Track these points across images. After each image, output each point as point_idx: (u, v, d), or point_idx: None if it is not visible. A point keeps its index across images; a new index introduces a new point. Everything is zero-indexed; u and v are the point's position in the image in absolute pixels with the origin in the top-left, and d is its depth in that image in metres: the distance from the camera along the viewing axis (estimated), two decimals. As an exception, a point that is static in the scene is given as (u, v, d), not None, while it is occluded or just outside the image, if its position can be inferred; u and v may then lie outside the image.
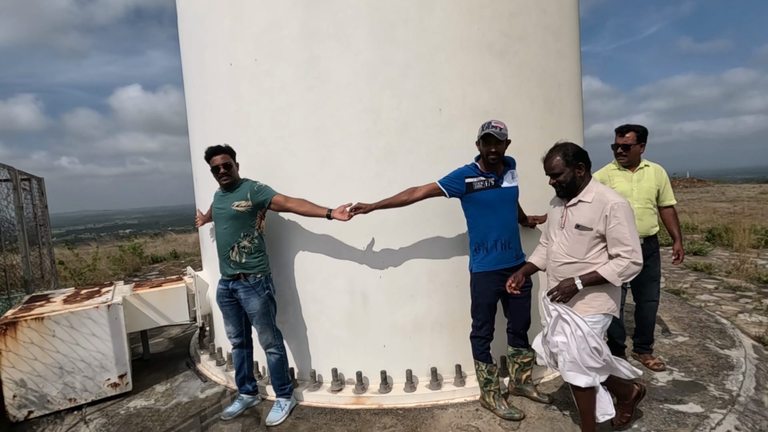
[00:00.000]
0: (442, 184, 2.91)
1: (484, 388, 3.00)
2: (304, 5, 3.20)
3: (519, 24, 3.44)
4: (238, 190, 3.11)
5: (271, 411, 3.14)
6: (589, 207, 2.43)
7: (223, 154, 3.06)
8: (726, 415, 2.78)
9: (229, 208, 3.06)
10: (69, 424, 3.31)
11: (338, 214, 2.96)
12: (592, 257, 2.43)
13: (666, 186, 3.46)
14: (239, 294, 3.11)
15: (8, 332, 3.24)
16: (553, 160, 2.49)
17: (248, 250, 3.08)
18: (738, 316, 4.69)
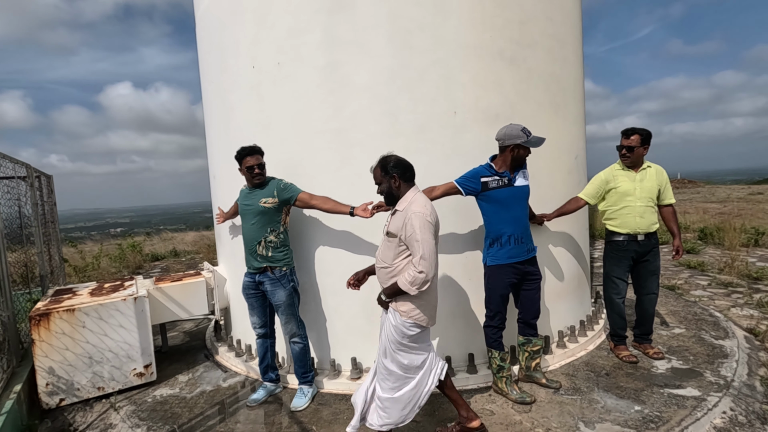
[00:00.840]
0: (458, 184, 3.10)
1: (497, 375, 3.20)
2: (326, 13, 3.37)
3: (528, 32, 3.64)
4: (266, 187, 3.27)
5: (294, 397, 3.31)
6: (399, 215, 2.51)
7: (257, 155, 3.22)
8: (721, 398, 2.99)
9: (257, 204, 3.22)
10: (99, 411, 3.45)
11: (361, 212, 3.14)
12: (398, 263, 2.51)
13: (666, 186, 3.65)
14: (265, 286, 3.27)
15: (42, 323, 3.38)
16: (375, 170, 2.66)
17: (274, 244, 3.25)
18: (730, 310, 4.92)
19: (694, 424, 2.72)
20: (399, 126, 3.38)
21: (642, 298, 3.77)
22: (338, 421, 3.06)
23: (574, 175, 4.20)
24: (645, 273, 3.68)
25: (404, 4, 3.31)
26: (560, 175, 3.97)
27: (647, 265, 3.65)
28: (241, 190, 3.44)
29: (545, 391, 3.25)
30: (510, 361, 3.31)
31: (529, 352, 3.32)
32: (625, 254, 3.65)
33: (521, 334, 3.32)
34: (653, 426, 2.74)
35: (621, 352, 3.72)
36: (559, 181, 3.97)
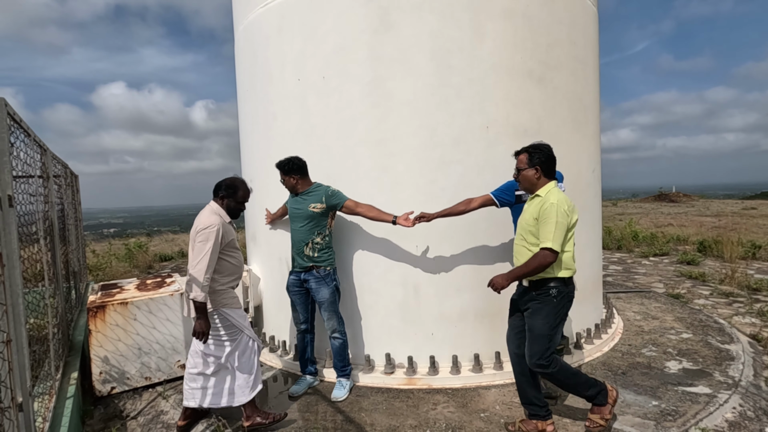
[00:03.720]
0: (494, 196, 3.35)
1: None
2: (371, 32, 3.65)
3: (554, 54, 3.93)
4: (314, 193, 3.52)
5: (334, 389, 3.54)
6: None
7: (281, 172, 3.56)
8: (731, 395, 3.27)
9: (306, 209, 3.47)
10: (147, 400, 3.67)
11: (403, 221, 3.39)
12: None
13: (543, 221, 2.66)
14: (310, 284, 3.51)
15: (98, 314, 3.60)
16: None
17: (320, 246, 3.50)
18: (733, 318, 5.21)
19: (707, 417, 2.99)
20: (436, 138, 3.65)
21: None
22: (378, 410, 3.29)
23: (592, 187, 4.48)
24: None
25: (444, 27, 3.59)
26: (580, 187, 4.25)
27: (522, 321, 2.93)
28: (291, 195, 3.69)
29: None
30: None
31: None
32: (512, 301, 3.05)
33: None
34: (671, 418, 3.00)
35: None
36: (578, 194, 4.23)
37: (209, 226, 2.80)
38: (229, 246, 2.97)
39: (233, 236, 3.03)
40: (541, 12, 3.83)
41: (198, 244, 2.78)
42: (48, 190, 3.60)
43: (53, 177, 4.02)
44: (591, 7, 4.41)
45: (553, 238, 2.61)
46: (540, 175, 2.77)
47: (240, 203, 3.04)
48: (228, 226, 2.98)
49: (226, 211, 2.99)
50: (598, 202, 4.77)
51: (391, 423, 3.11)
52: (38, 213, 3.03)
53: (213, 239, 2.77)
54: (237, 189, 3.00)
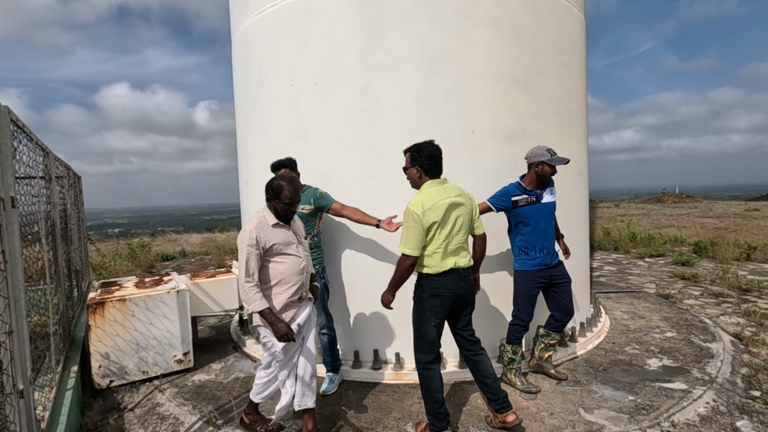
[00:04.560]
0: (491, 203, 3.49)
1: (507, 366, 3.58)
2: (362, 39, 3.79)
3: (540, 60, 4.05)
4: (303, 195, 3.66)
5: (323, 383, 3.67)
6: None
7: (287, 168, 3.54)
8: (705, 391, 3.37)
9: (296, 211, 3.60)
10: (144, 393, 3.81)
11: (385, 225, 3.48)
12: None
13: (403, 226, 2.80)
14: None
15: (98, 311, 3.75)
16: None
17: (309, 246, 3.63)
18: (720, 317, 5.31)
19: (680, 412, 3.10)
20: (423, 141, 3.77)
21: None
22: (364, 403, 3.42)
23: (579, 189, 4.60)
24: None
25: (432, 34, 3.72)
26: (566, 189, 4.36)
27: None
28: None
29: (549, 383, 3.62)
30: (521, 356, 3.68)
31: (546, 344, 3.69)
32: None
33: (546, 326, 3.69)
34: (644, 412, 3.12)
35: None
36: (565, 195, 4.35)
37: (242, 232, 2.75)
38: (273, 251, 2.78)
39: (280, 241, 2.80)
40: (526, 19, 3.95)
41: (238, 254, 2.75)
42: (50, 191, 3.75)
43: (55, 178, 4.18)
44: (577, 14, 4.53)
45: (405, 243, 2.74)
46: (421, 174, 2.86)
47: (287, 204, 2.80)
48: (273, 231, 2.79)
49: (274, 214, 2.84)
50: (585, 203, 4.88)
51: (375, 415, 3.24)
52: (40, 213, 3.17)
53: (246, 245, 2.68)
54: (281, 189, 2.79)
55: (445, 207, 2.76)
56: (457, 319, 2.95)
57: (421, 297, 2.86)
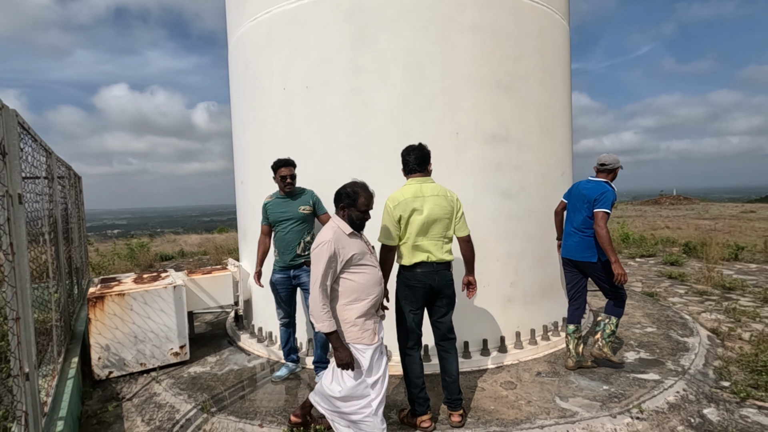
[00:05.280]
0: (609, 210, 3.65)
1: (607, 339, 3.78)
2: (350, 46, 3.96)
3: (522, 65, 4.23)
4: (301, 196, 3.81)
5: (318, 375, 3.81)
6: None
7: (290, 166, 3.74)
8: (677, 381, 3.54)
9: (296, 211, 3.74)
10: (142, 384, 3.98)
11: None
12: None
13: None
14: (301, 279, 3.77)
15: (98, 304, 3.92)
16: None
17: (309, 244, 3.78)
18: (701, 314, 5.48)
19: (650, 400, 3.27)
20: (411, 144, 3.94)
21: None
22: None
23: (561, 189, 4.76)
24: None
25: (418, 41, 3.90)
26: (548, 189, 4.54)
27: None
28: (271, 202, 3.86)
29: (528, 374, 3.79)
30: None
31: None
32: None
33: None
34: (617, 400, 3.28)
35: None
36: (547, 195, 4.53)
37: (319, 244, 2.53)
38: (352, 263, 2.60)
39: (357, 251, 2.63)
40: (508, 26, 4.13)
41: (312, 267, 2.54)
42: (52, 190, 3.92)
43: (57, 178, 4.34)
44: (560, 21, 4.70)
45: (380, 233, 3.03)
46: (407, 174, 3.12)
47: (363, 212, 2.67)
48: (349, 240, 2.62)
49: (348, 223, 2.67)
50: (569, 203, 5.04)
51: (362, 404, 3.40)
52: (44, 211, 3.34)
53: (325, 258, 2.49)
54: (357, 196, 2.65)
55: (413, 202, 2.93)
56: (432, 311, 3.11)
57: (398, 287, 3.06)
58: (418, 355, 3.07)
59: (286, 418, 3.18)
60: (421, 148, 3.10)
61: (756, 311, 5.43)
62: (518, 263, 4.29)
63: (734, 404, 3.30)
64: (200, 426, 3.20)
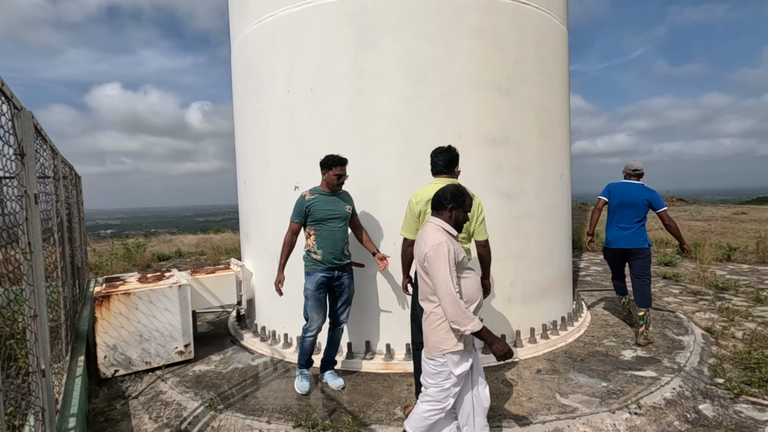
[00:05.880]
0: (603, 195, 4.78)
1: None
2: (353, 49, 4.03)
3: (521, 69, 4.32)
4: (343, 195, 3.73)
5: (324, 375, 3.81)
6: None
7: (344, 165, 3.61)
8: (673, 378, 3.63)
9: (343, 209, 3.65)
10: (147, 382, 4.02)
11: (378, 259, 3.71)
12: None
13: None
14: (344, 280, 3.68)
15: (104, 303, 3.96)
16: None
17: (349, 244, 3.77)
18: (695, 314, 5.59)
19: (648, 396, 3.36)
20: (412, 146, 4.02)
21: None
22: (356, 390, 3.65)
23: (560, 190, 4.86)
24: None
25: (420, 45, 3.97)
26: (547, 190, 4.62)
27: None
28: (316, 199, 3.60)
29: (529, 371, 3.87)
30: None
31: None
32: None
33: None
34: (615, 397, 3.37)
35: None
36: (545, 196, 4.62)
37: (437, 244, 2.36)
38: (461, 266, 2.46)
39: (464, 253, 2.52)
40: (508, 30, 4.21)
41: (432, 270, 2.37)
42: (59, 189, 3.96)
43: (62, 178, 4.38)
44: (559, 26, 4.80)
45: (402, 226, 3.19)
46: (432, 174, 3.26)
47: (467, 213, 2.61)
48: (456, 243, 2.50)
49: (453, 225, 2.55)
50: (567, 203, 5.14)
51: (367, 401, 3.47)
52: (53, 211, 3.38)
53: (445, 258, 2.33)
54: (465, 197, 2.56)
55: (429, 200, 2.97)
56: None
57: (415, 284, 3.15)
58: None
59: (293, 416, 3.24)
60: (449, 151, 3.19)
61: (749, 311, 5.54)
62: (518, 263, 4.37)
63: (728, 400, 3.39)
64: (208, 423, 3.26)
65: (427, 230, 2.51)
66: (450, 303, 2.30)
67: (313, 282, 3.60)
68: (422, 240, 2.49)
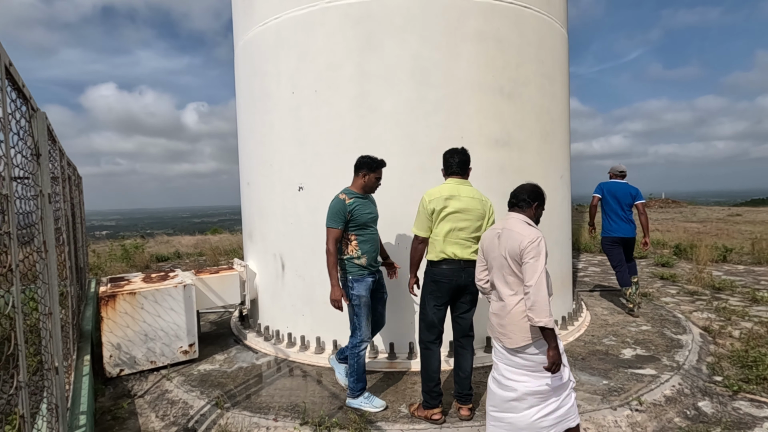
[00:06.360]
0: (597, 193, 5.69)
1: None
2: (358, 52, 4.08)
3: (523, 72, 4.38)
4: (372, 197, 3.61)
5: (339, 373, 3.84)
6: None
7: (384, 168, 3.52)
8: (672, 375, 3.70)
9: (377, 212, 3.62)
10: (153, 381, 4.05)
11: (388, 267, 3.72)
12: None
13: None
14: (382, 281, 3.61)
15: (110, 303, 3.98)
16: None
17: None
18: (693, 313, 5.66)
19: (648, 393, 3.42)
20: (416, 147, 4.07)
21: None
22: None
23: (560, 191, 4.93)
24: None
25: (423, 48, 4.03)
26: (548, 192, 4.64)
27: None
28: (357, 202, 3.40)
29: (531, 370, 3.92)
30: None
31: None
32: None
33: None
34: (616, 394, 3.43)
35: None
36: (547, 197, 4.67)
37: (538, 239, 2.42)
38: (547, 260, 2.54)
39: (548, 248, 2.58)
40: (510, 34, 4.28)
41: (530, 261, 2.38)
42: (65, 190, 3.98)
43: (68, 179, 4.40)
44: (559, 30, 4.87)
45: (414, 224, 3.20)
46: (444, 173, 3.29)
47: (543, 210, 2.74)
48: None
49: (535, 221, 2.64)
50: (567, 204, 5.21)
51: (372, 399, 3.51)
52: (61, 211, 3.41)
53: (543, 251, 2.41)
54: (544, 195, 2.73)
55: (448, 200, 3.07)
56: (455, 307, 3.22)
57: (425, 282, 3.20)
58: (438, 350, 3.20)
59: (300, 414, 3.28)
60: (463, 152, 3.25)
61: (745, 310, 5.63)
62: (519, 263, 4.43)
63: (727, 397, 3.46)
64: (215, 421, 3.29)
65: (517, 225, 2.54)
66: (542, 294, 2.35)
67: (365, 288, 3.36)
68: (515, 233, 2.48)
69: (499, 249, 2.56)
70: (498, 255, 2.57)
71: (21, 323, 1.47)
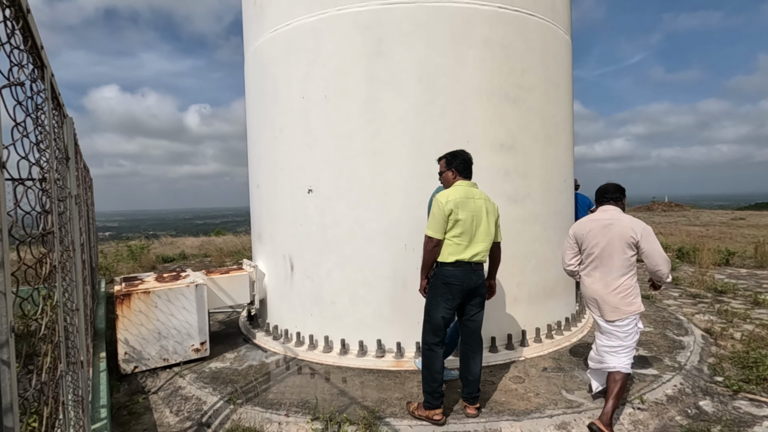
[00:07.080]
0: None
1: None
2: (367, 58, 4.19)
3: (528, 78, 4.48)
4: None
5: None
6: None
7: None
8: (674, 376, 3.78)
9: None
10: (166, 378, 4.15)
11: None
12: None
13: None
14: None
15: (125, 301, 4.09)
16: None
17: None
18: (695, 315, 5.74)
19: (650, 392, 3.50)
20: (423, 151, 4.17)
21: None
22: (369, 386, 3.78)
23: (563, 194, 5.02)
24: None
25: (431, 54, 4.13)
26: (551, 194, 4.78)
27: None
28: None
29: (535, 369, 4.01)
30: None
31: None
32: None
33: None
34: (619, 392, 3.51)
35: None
36: (550, 200, 4.77)
37: (646, 225, 3.15)
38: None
39: None
40: (516, 41, 4.38)
41: (651, 244, 3.08)
42: (80, 189, 4.10)
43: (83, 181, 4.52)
44: (563, 36, 4.97)
45: (428, 226, 3.16)
46: (456, 175, 3.29)
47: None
48: None
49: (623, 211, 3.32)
50: (570, 207, 5.30)
51: (380, 396, 3.61)
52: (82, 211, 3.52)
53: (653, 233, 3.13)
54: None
55: (465, 202, 3.11)
56: (465, 310, 3.27)
57: (435, 284, 3.20)
58: (441, 352, 3.23)
59: (310, 410, 3.37)
60: (469, 153, 3.36)
61: (747, 313, 5.69)
62: (524, 265, 4.52)
63: (727, 397, 3.54)
64: (228, 416, 3.39)
65: (623, 216, 3.22)
66: (668, 263, 3.15)
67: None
68: (624, 222, 3.15)
69: (610, 236, 3.14)
70: (606, 241, 3.15)
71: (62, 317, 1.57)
